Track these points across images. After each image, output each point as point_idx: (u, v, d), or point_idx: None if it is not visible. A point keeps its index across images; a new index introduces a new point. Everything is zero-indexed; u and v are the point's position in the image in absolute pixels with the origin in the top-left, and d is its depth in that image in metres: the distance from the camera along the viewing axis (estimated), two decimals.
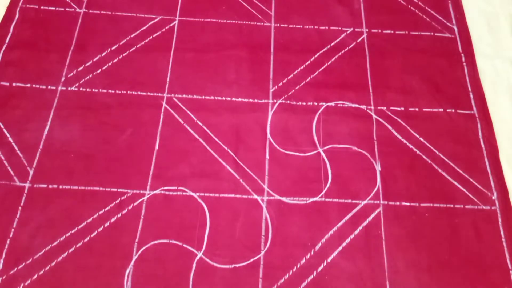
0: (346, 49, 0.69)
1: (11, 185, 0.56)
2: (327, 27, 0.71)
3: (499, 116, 0.64)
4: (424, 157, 0.61)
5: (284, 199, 0.57)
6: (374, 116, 0.64)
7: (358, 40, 0.70)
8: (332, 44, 0.70)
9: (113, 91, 0.64)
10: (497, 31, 0.72)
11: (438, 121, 0.63)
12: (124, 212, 0.56)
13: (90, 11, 0.71)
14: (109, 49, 0.67)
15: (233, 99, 0.64)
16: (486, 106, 0.65)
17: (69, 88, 0.64)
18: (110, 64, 0.66)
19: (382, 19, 0.72)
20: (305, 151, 0.61)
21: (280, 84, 0.66)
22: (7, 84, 0.64)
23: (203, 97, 0.64)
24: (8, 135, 0.60)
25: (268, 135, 0.62)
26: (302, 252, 0.54)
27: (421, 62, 0.68)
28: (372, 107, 0.64)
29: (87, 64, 0.66)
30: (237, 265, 0.53)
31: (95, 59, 0.66)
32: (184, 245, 0.54)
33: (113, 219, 0.55)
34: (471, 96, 0.66)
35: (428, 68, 0.67)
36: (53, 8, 0.71)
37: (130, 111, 0.62)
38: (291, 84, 0.66)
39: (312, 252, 0.54)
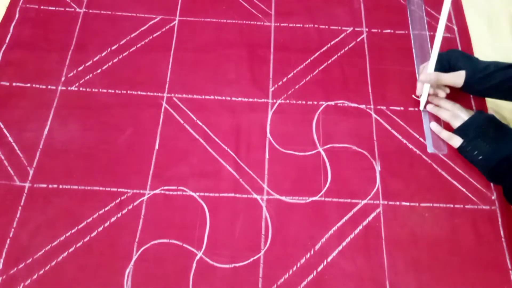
0: (346, 49, 0.69)
1: (11, 185, 0.57)
2: (327, 27, 0.71)
3: (499, 116, 0.64)
4: (424, 157, 0.61)
5: (284, 198, 0.57)
6: (373, 115, 0.64)
7: (358, 40, 0.70)
8: (332, 43, 0.70)
9: (113, 91, 0.64)
10: (497, 31, 0.72)
11: (437, 121, 0.63)
12: (124, 212, 0.56)
13: (90, 11, 0.71)
14: (109, 49, 0.67)
15: (233, 98, 0.64)
16: (486, 106, 0.65)
17: (69, 88, 0.64)
18: (110, 64, 0.66)
19: (382, 18, 0.72)
20: (305, 150, 0.61)
21: (280, 83, 0.66)
22: (7, 84, 0.64)
23: (203, 97, 0.64)
24: (8, 135, 0.60)
25: (268, 135, 0.62)
26: (302, 251, 0.54)
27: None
28: (372, 107, 0.64)
29: (87, 64, 0.66)
30: (237, 265, 0.53)
31: (95, 59, 0.66)
32: (184, 245, 0.54)
33: (113, 219, 0.55)
34: (471, 96, 0.66)
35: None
36: (53, 8, 0.71)
37: (130, 111, 0.62)
38: (291, 83, 0.66)
39: (312, 252, 0.54)
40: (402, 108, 0.64)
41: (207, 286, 0.52)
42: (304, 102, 0.64)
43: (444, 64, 0.61)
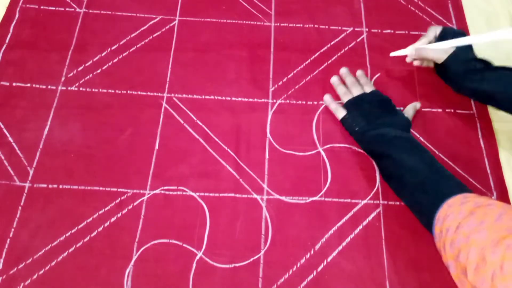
0: (346, 49, 0.69)
1: (11, 185, 0.57)
2: (327, 27, 0.71)
3: (499, 116, 0.64)
4: None
5: (283, 198, 0.57)
6: None
7: (358, 40, 0.70)
8: (332, 43, 0.70)
9: (113, 91, 0.64)
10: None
11: (438, 121, 0.63)
12: (124, 212, 0.56)
13: (90, 11, 0.71)
14: (109, 49, 0.67)
15: (233, 98, 0.64)
16: (486, 106, 0.65)
17: (69, 88, 0.64)
18: (110, 64, 0.66)
19: (382, 18, 0.72)
20: (305, 150, 0.61)
21: (280, 83, 0.66)
22: (7, 84, 0.64)
23: (203, 97, 0.64)
24: (8, 135, 0.60)
25: (268, 135, 0.62)
26: (302, 251, 0.54)
27: None
28: None
29: (87, 64, 0.66)
30: (237, 265, 0.53)
31: (95, 59, 0.66)
32: (184, 245, 0.54)
33: (113, 219, 0.55)
34: None
35: (427, 68, 0.67)
36: (53, 8, 0.71)
37: (130, 111, 0.63)
38: (291, 83, 0.66)
39: (312, 252, 0.54)
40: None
41: (207, 286, 0.52)
42: (304, 102, 0.64)
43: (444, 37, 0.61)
